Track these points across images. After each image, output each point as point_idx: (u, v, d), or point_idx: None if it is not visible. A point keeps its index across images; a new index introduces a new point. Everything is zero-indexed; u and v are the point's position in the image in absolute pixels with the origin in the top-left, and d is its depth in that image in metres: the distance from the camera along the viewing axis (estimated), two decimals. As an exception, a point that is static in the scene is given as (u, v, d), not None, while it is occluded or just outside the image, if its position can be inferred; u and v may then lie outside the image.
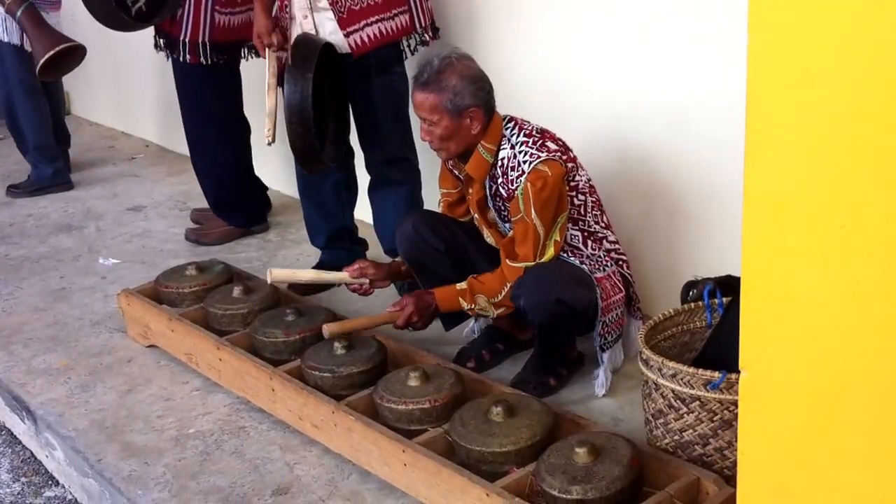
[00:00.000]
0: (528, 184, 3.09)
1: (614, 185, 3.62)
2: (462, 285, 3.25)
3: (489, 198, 3.29)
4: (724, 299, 2.92)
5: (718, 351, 2.74)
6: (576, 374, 3.39)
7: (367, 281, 3.46)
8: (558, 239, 3.17)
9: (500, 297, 3.21)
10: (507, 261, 3.20)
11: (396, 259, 3.56)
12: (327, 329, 3.28)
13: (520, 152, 3.15)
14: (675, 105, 3.45)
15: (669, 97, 3.46)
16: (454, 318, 3.51)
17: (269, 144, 3.78)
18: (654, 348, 2.81)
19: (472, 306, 3.24)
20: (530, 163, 3.11)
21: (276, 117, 3.74)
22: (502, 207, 3.26)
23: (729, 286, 2.90)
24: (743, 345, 2.06)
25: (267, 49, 3.80)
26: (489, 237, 3.37)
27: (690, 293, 3.02)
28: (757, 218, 1.95)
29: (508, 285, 3.18)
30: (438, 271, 3.39)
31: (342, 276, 3.48)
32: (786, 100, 1.84)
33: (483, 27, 3.99)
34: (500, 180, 3.20)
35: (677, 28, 3.38)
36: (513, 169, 3.15)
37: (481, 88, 3.17)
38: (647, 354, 2.73)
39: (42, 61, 4.88)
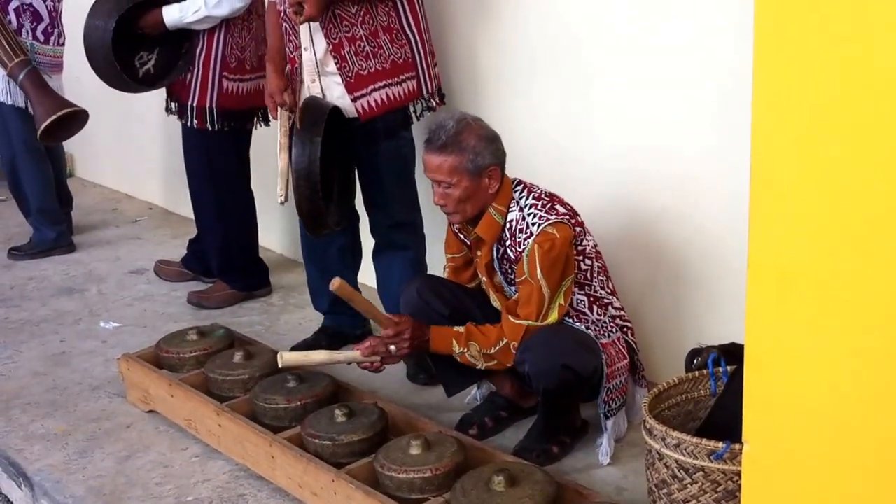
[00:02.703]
0: (536, 245, 3.09)
1: (619, 251, 3.61)
2: (459, 329, 3.23)
3: (496, 261, 3.28)
4: (729, 368, 2.90)
5: (722, 420, 2.71)
6: (579, 442, 3.35)
7: (379, 358, 3.35)
8: (563, 303, 3.15)
9: (493, 351, 3.18)
10: (509, 317, 3.17)
11: None
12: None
13: (528, 214, 3.15)
14: (682, 172, 3.45)
15: (675, 164, 3.46)
16: (456, 383, 3.48)
17: (282, 204, 3.77)
18: (658, 417, 2.79)
19: (464, 351, 3.21)
20: (539, 225, 3.11)
21: (288, 177, 3.74)
22: (509, 270, 3.25)
23: (733, 354, 2.88)
24: (746, 417, 2.05)
25: (279, 109, 3.81)
26: (495, 301, 3.35)
27: (695, 361, 3.00)
28: (761, 290, 1.94)
29: (504, 341, 3.16)
30: None
31: (354, 354, 3.37)
32: (789, 172, 1.84)
33: (488, 94, 4.01)
34: (507, 243, 3.20)
35: (684, 95, 3.40)
36: (521, 231, 3.15)
37: (498, 148, 3.20)
38: (650, 423, 2.70)
39: (44, 126, 4.90)
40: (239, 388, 3.55)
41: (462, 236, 3.42)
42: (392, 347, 3.26)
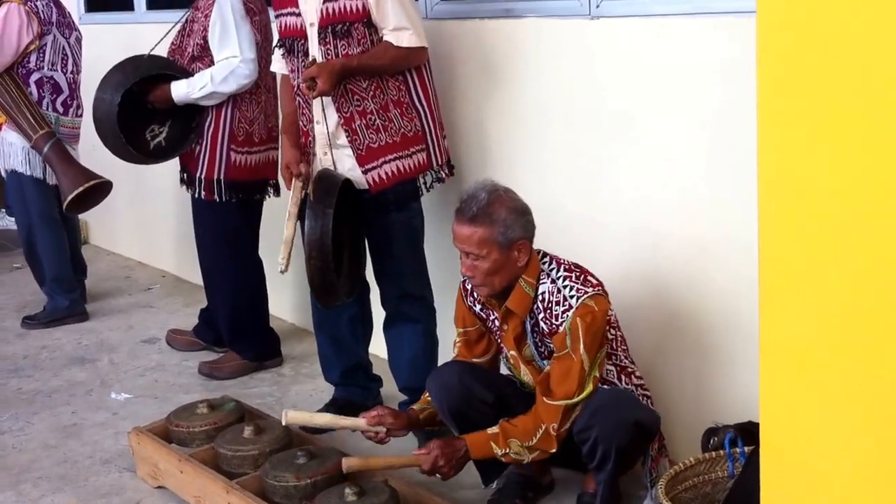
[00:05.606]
0: (578, 318, 3.04)
1: (633, 322, 3.55)
2: (494, 430, 3.13)
3: (529, 333, 3.23)
4: (746, 448, 2.85)
5: (741, 503, 2.66)
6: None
7: (384, 429, 3.32)
8: (597, 375, 3.12)
9: (534, 441, 3.09)
10: (545, 399, 3.09)
11: (413, 407, 3.43)
12: (346, 463, 3.20)
13: (564, 287, 3.11)
14: (697, 239, 3.41)
15: (690, 231, 3.42)
16: (492, 471, 3.38)
17: (282, 272, 3.75)
18: (675, 500, 2.74)
19: (506, 451, 3.11)
20: (577, 297, 3.07)
21: (291, 246, 3.72)
22: (540, 343, 3.20)
23: (750, 434, 2.83)
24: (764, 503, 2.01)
25: (293, 179, 3.80)
26: (526, 374, 3.28)
27: (711, 441, 2.95)
28: (774, 373, 1.92)
29: (543, 427, 3.07)
30: (482, 424, 3.23)
31: (359, 422, 3.33)
32: (798, 251, 1.82)
33: (496, 164, 4.01)
34: (541, 315, 3.15)
35: (697, 164, 3.37)
36: (558, 304, 3.10)
37: (529, 221, 3.16)
38: (667, 506, 2.65)
39: (71, 197, 4.92)
40: (249, 464, 3.50)
41: (477, 309, 3.37)
42: (439, 476, 3.17)
